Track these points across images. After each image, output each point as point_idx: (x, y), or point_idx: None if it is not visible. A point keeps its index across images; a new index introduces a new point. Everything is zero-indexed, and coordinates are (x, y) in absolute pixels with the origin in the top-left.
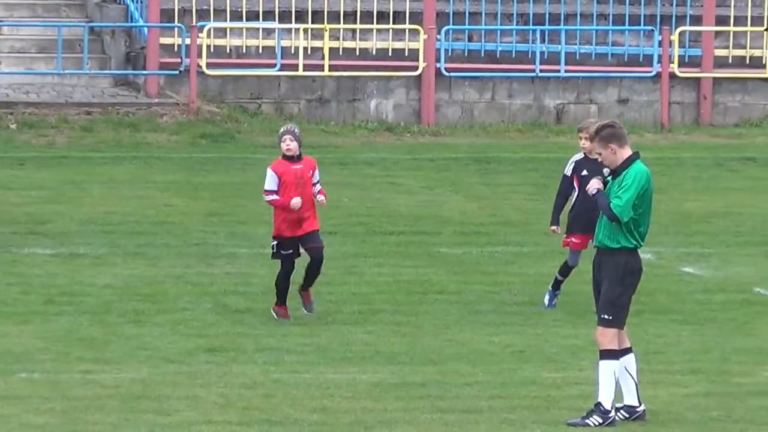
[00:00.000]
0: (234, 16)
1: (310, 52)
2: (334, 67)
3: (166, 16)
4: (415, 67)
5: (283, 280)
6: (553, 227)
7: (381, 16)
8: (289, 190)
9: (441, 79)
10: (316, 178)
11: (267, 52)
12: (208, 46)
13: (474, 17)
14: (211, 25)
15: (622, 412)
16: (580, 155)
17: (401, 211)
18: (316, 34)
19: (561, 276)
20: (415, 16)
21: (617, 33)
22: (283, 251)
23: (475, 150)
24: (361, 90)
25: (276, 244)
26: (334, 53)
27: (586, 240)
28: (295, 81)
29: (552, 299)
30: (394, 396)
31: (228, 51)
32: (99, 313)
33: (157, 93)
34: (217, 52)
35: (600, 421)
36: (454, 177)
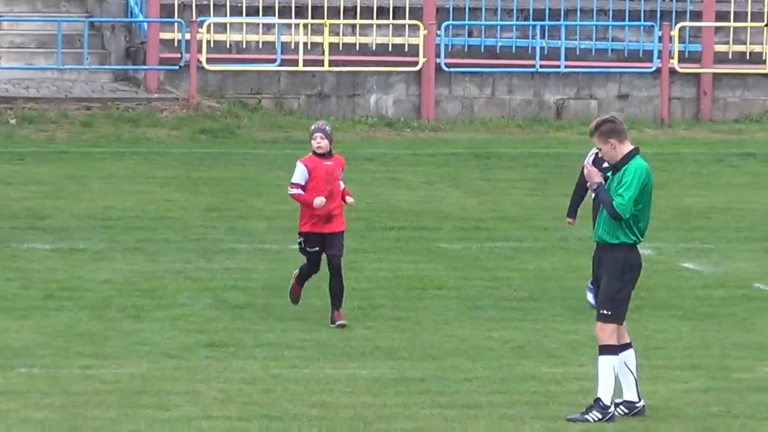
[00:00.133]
0: (234, 12)
1: (310, 47)
2: (334, 63)
3: (166, 11)
4: (415, 63)
5: (306, 271)
6: (569, 219)
7: (381, 12)
8: (320, 185)
9: (441, 75)
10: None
11: (267, 47)
12: (208, 42)
13: (474, 13)
14: (211, 20)
15: (622, 407)
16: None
17: (401, 207)
18: (316, 29)
19: None
20: (415, 12)
21: (617, 28)
22: (309, 248)
23: (475, 145)
24: (361, 85)
25: (303, 240)
26: (334, 48)
27: None
28: (295, 76)
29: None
30: (393, 391)
31: (228, 46)
32: (98, 308)
33: (157, 88)
34: (217, 48)
35: (599, 416)
36: (454, 172)
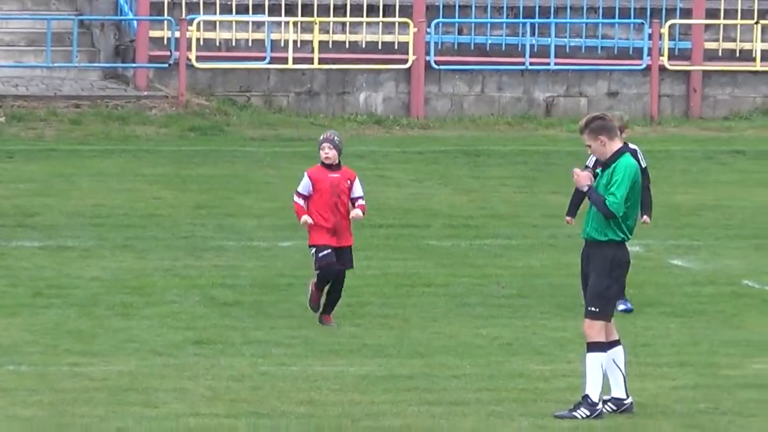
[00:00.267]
0: (224, 9)
1: (299, 45)
2: (323, 60)
3: (156, 9)
4: (404, 60)
5: (322, 282)
6: (568, 218)
7: (371, 9)
8: (324, 198)
9: (430, 72)
10: (358, 193)
11: (256, 45)
12: (198, 39)
13: (464, 10)
14: (200, 18)
15: (610, 404)
16: None
17: (390, 204)
18: (306, 27)
19: None
20: (404, 9)
21: (607, 26)
22: (321, 253)
23: (464, 143)
24: (351, 83)
25: (314, 251)
26: (323, 46)
27: None
28: (285, 74)
29: (626, 302)
30: (381, 388)
31: (217, 44)
32: (87, 305)
33: (147, 86)
34: (207, 45)
35: (587, 413)
36: (443, 170)
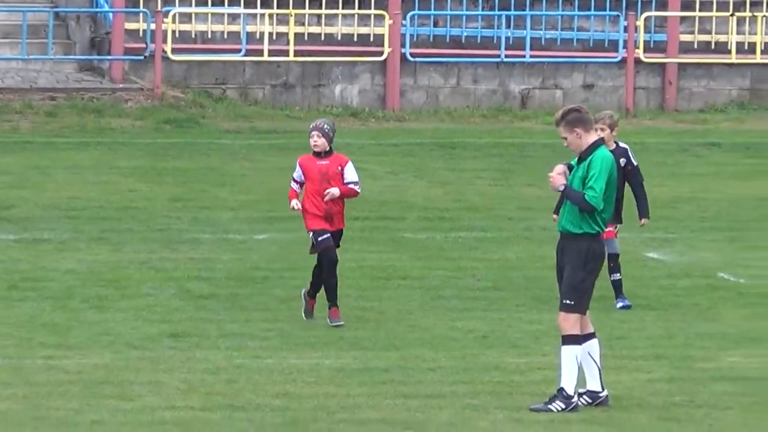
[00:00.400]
0: (199, 2)
1: (275, 37)
2: (299, 53)
3: (131, 1)
4: (380, 53)
5: (329, 278)
6: (555, 216)
7: (346, 2)
8: (314, 184)
9: (406, 65)
10: (351, 177)
11: (232, 37)
12: (173, 32)
13: (439, 2)
14: (176, 10)
15: (585, 397)
16: None
17: (366, 197)
18: (282, 19)
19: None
20: (380, 2)
21: (583, 18)
22: (319, 237)
23: (439, 135)
24: (326, 75)
25: (312, 235)
26: (299, 38)
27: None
28: (260, 66)
29: (625, 300)
30: (357, 381)
31: (193, 36)
32: (62, 298)
33: (122, 78)
34: (182, 38)
35: (563, 406)
36: (418, 162)
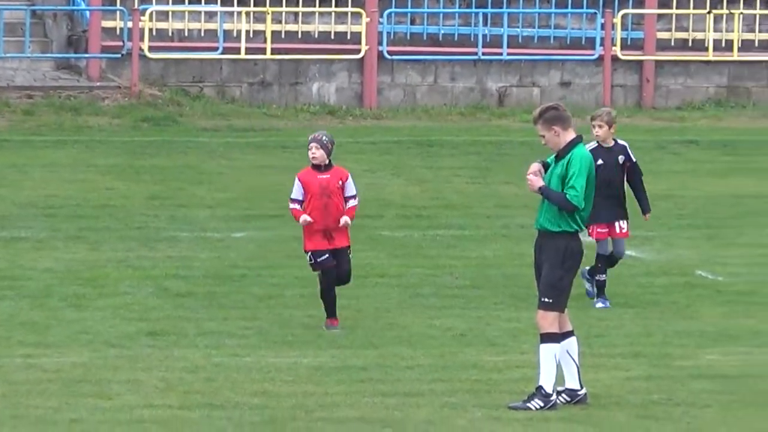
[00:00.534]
0: (176, 0)
1: (252, 35)
2: (276, 51)
3: None
4: (357, 51)
5: (327, 293)
6: None
7: None
8: (314, 200)
9: (383, 63)
10: (351, 192)
11: (209, 35)
12: (150, 30)
13: (416, 0)
14: (153, 8)
15: (564, 395)
16: (593, 144)
17: None
18: (259, 17)
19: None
20: None
21: (560, 16)
22: (319, 258)
23: (417, 133)
24: (304, 73)
25: (310, 255)
26: (276, 36)
27: (612, 228)
28: (237, 64)
29: (606, 302)
30: (335, 380)
31: (170, 34)
32: (40, 297)
33: (99, 76)
34: (159, 36)
35: (541, 404)
36: (396, 160)
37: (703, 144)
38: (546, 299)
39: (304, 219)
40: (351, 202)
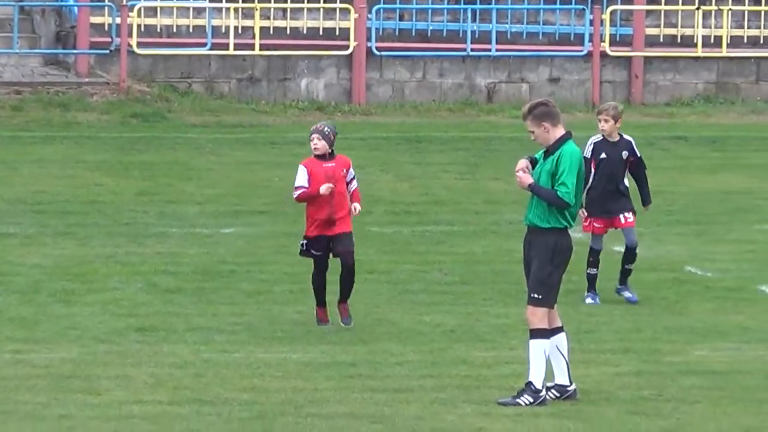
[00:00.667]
0: None
1: (240, 31)
2: (264, 47)
3: None
4: (346, 46)
5: (318, 279)
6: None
7: None
8: (319, 187)
9: (372, 59)
10: (351, 176)
11: (198, 31)
12: (139, 26)
13: None
14: (141, 4)
15: (553, 391)
16: (598, 137)
17: None
18: (247, 13)
19: (594, 269)
20: None
21: (548, 12)
22: (314, 251)
23: (405, 129)
24: (292, 69)
25: (305, 243)
26: (264, 32)
27: (609, 223)
28: (226, 60)
29: (595, 297)
30: (324, 375)
31: (158, 30)
32: (29, 292)
33: (88, 72)
34: (148, 31)
35: (531, 400)
36: (384, 156)
37: (691, 140)
38: (535, 295)
39: (327, 187)
40: (353, 185)
